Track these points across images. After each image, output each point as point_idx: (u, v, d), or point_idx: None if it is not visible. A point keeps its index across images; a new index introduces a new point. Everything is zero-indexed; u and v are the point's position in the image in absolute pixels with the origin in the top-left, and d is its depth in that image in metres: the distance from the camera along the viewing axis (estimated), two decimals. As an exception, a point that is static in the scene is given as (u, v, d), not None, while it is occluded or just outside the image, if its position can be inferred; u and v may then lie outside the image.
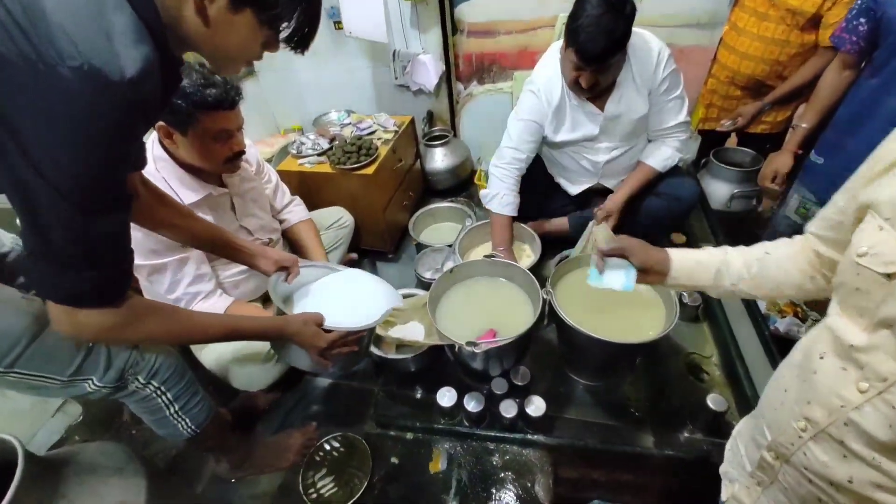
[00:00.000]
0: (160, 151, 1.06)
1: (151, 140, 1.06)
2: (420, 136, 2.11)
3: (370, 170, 1.59)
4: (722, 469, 0.76)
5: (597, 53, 1.13)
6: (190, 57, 0.72)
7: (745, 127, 1.72)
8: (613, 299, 1.21)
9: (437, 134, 2.15)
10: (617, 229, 1.47)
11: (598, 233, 1.41)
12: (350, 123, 1.88)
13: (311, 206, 1.52)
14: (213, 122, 1.00)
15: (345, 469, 1.19)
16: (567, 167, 1.58)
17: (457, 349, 1.10)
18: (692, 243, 1.67)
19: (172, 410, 0.95)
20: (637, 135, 1.46)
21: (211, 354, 1.17)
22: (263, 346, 1.18)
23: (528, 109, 1.39)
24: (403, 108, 2.20)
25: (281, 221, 1.40)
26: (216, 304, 1.10)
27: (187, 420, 0.98)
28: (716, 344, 1.40)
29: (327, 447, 1.23)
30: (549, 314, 1.13)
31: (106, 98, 0.50)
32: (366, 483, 1.14)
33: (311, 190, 1.67)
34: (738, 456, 0.70)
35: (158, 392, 0.92)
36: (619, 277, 0.89)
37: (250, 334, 0.90)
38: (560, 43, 1.31)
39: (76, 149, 0.51)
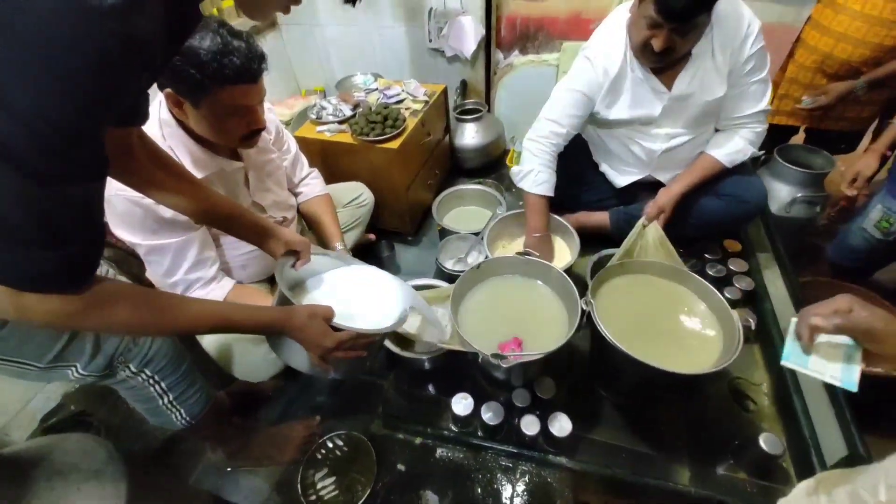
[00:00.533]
0: (167, 115, 0.92)
1: (159, 101, 0.92)
2: (451, 108, 1.92)
3: (395, 143, 1.44)
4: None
5: (681, 7, 0.94)
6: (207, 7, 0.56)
7: (829, 110, 1.49)
8: (660, 314, 1.07)
9: (469, 107, 1.96)
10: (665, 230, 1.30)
11: (649, 233, 1.24)
12: (376, 89, 1.71)
13: (328, 178, 1.38)
14: (230, 97, 0.84)
15: (347, 471, 1.10)
16: (615, 153, 1.39)
17: (480, 359, 0.97)
18: (747, 252, 1.49)
19: (166, 401, 0.86)
20: (705, 122, 1.26)
21: (211, 339, 1.07)
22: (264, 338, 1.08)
23: (580, 79, 1.21)
24: (436, 75, 2.01)
25: (296, 195, 1.27)
26: (214, 293, 0.99)
27: (182, 411, 0.89)
28: (768, 371, 1.24)
29: (330, 445, 1.14)
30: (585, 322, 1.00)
31: (84, 26, 0.37)
32: (368, 490, 1.05)
33: (328, 161, 1.53)
34: (812, 499, 0.61)
35: (151, 381, 0.83)
36: (836, 368, 0.63)
37: (246, 327, 0.74)
38: (626, 5, 1.11)
39: (42, 88, 0.38)
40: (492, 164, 2.03)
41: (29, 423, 1.23)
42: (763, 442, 1.00)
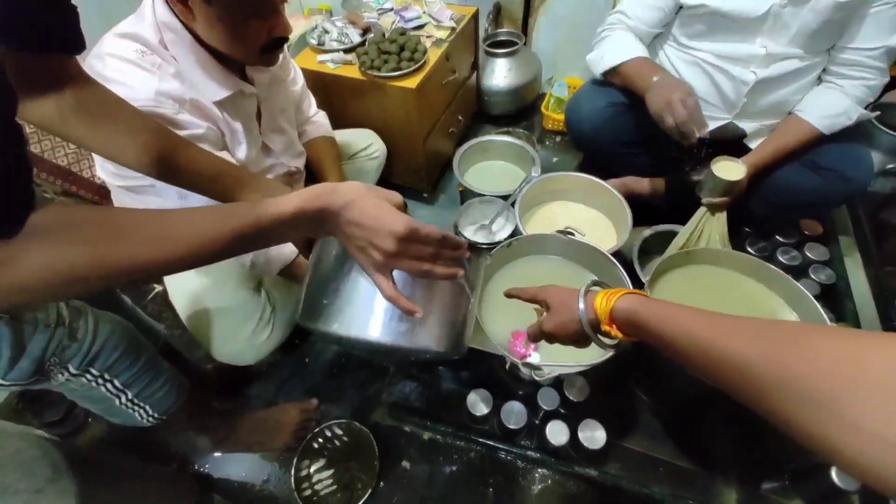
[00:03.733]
0: (168, 16, 0.69)
1: None
2: (480, 39, 1.60)
3: (413, 81, 1.17)
4: None
5: None
6: None
7: None
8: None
9: (502, 38, 1.64)
10: (732, 209, 1.06)
11: (715, 221, 1.01)
12: (392, 9, 1.40)
13: (331, 122, 1.14)
14: None
15: (346, 466, 0.99)
16: (694, 86, 1.08)
17: (507, 365, 0.80)
18: (829, 236, 1.25)
19: (124, 399, 0.72)
20: (821, 43, 0.96)
21: (188, 315, 0.91)
22: (253, 314, 0.91)
23: None
24: (464, -6, 1.66)
25: (300, 134, 1.05)
26: None
27: (146, 408, 0.75)
28: (839, 381, 1.06)
29: (328, 433, 1.02)
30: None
31: None
32: (369, 491, 0.93)
33: (331, 100, 1.27)
34: None
35: (100, 381, 0.67)
36: None
37: (263, 230, 0.44)
38: None
39: None
40: (524, 111, 1.74)
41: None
42: (836, 475, 0.84)
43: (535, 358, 0.86)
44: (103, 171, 0.84)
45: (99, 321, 0.66)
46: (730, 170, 1.01)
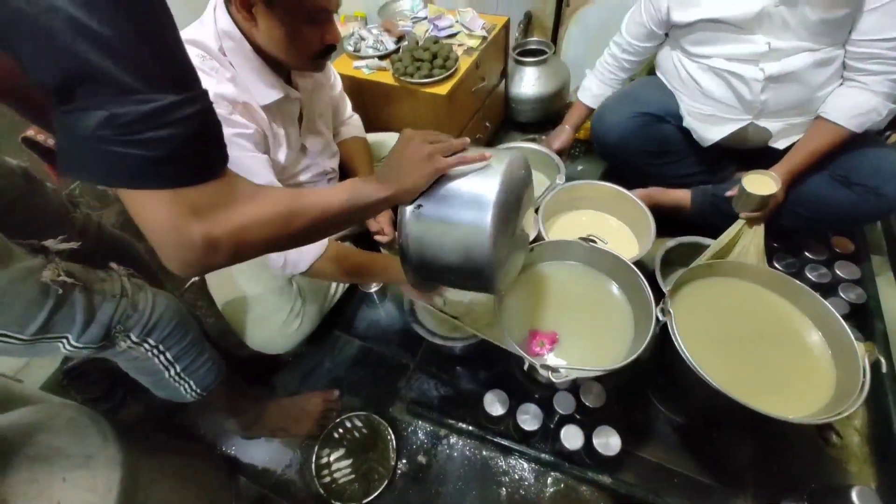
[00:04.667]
0: (229, 24, 0.75)
1: (213, 6, 0.76)
2: (510, 47, 1.63)
3: (444, 88, 1.21)
4: None
5: None
6: None
7: None
8: (754, 335, 0.87)
9: (532, 47, 1.66)
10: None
11: (752, 235, 1.00)
12: (426, 18, 1.44)
13: (364, 125, 1.19)
14: None
15: (364, 457, 1.02)
16: (707, 92, 1.09)
17: (525, 366, 0.82)
18: (860, 254, 1.22)
19: (173, 372, 0.78)
20: (832, 32, 0.92)
21: (225, 304, 0.97)
22: (285, 305, 0.96)
23: None
24: (496, 4, 1.70)
25: (334, 135, 1.11)
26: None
27: (191, 382, 0.81)
28: (866, 404, 1.04)
29: (348, 424, 1.06)
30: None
31: None
32: (386, 482, 0.96)
33: (365, 104, 1.32)
34: None
35: (155, 352, 0.73)
36: None
37: (368, 198, 0.58)
38: None
39: None
40: (550, 119, 1.75)
41: (49, 363, 1.21)
42: (857, 496, 0.82)
43: (551, 360, 0.88)
44: None
45: (156, 296, 0.72)
46: (761, 184, 1.00)
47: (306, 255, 0.83)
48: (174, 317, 0.75)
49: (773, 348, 0.84)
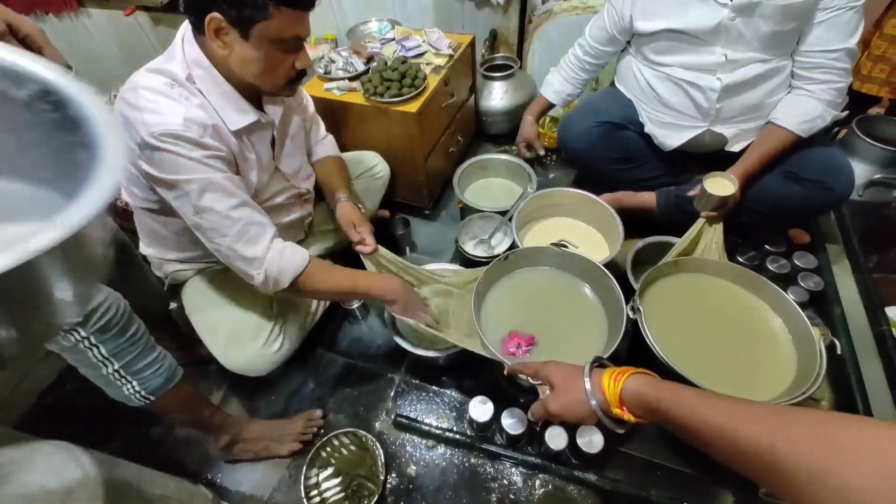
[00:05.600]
0: (197, 54, 0.77)
1: (181, 37, 0.79)
2: (478, 64, 1.69)
3: (414, 106, 1.24)
4: None
5: None
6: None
7: None
8: (721, 327, 0.92)
9: (499, 62, 1.72)
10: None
11: (712, 232, 1.05)
12: (394, 39, 1.48)
13: (338, 145, 1.21)
14: (287, 23, 0.74)
15: (354, 474, 1.02)
16: (664, 100, 1.16)
17: (505, 370, 0.84)
18: (816, 244, 1.29)
19: (111, 369, 0.75)
20: (780, 46, 1.01)
21: (201, 327, 0.97)
22: (265, 326, 0.97)
23: None
24: (462, 23, 1.76)
25: (309, 156, 1.13)
26: (298, 252, 0.89)
27: (134, 384, 0.78)
28: (831, 385, 1.09)
29: (336, 442, 1.06)
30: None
31: None
32: (376, 497, 0.96)
33: (337, 124, 1.35)
34: None
35: (87, 344, 0.71)
36: None
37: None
38: None
39: None
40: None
41: (25, 401, 1.18)
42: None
43: (529, 357, 0.90)
44: (128, 193, 0.91)
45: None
46: (721, 185, 1.06)
47: (287, 271, 0.85)
48: (109, 311, 0.72)
49: (738, 337, 0.89)
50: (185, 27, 0.79)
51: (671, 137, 1.21)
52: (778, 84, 1.06)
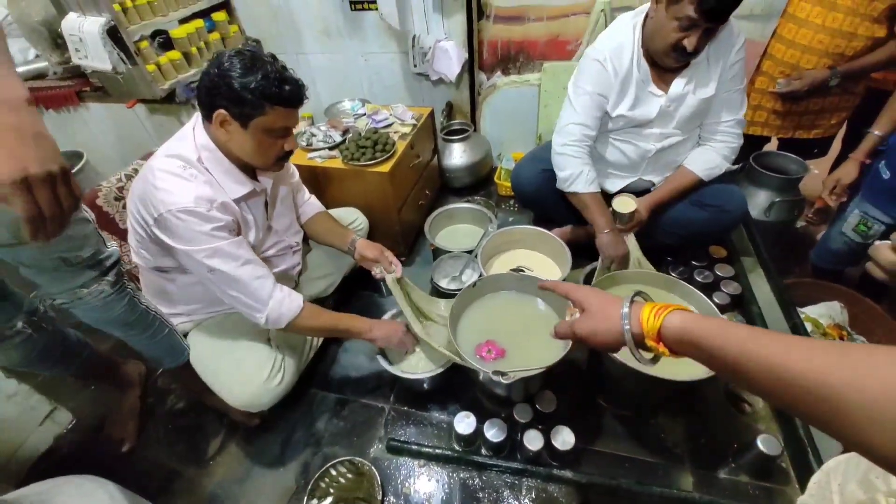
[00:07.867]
0: (205, 140, 0.96)
1: (192, 126, 0.97)
2: (438, 129, 1.97)
3: (386, 167, 1.46)
4: (802, 500, 0.73)
5: (723, 7, 1.01)
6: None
7: (803, 94, 1.51)
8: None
9: (456, 128, 2.01)
10: (646, 239, 1.34)
11: (631, 247, 1.28)
12: (365, 114, 1.74)
13: (322, 204, 1.39)
14: (278, 118, 0.92)
15: (353, 498, 1.09)
16: (607, 157, 1.42)
17: (480, 377, 0.98)
18: (732, 257, 1.53)
19: (153, 313, 1.07)
20: (695, 123, 1.32)
21: (207, 370, 1.08)
22: (266, 362, 1.08)
23: (595, 81, 1.26)
24: (422, 98, 2.06)
25: (298, 216, 1.30)
26: (294, 299, 1.04)
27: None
28: (761, 372, 1.27)
29: (333, 472, 1.13)
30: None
31: None
32: (375, 517, 1.04)
33: (321, 186, 1.55)
34: (826, 492, 0.67)
35: (124, 285, 1.00)
36: None
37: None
38: (630, 15, 1.22)
39: None
40: (480, 182, 2.07)
41: (17, 472, 1.20)
42: (761, 443, 1.02)
43: (499, 365, 1.04)
44: (137, 255, 1.05)
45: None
46: (625, 204, 1.31)
47: (285, 316, 1.00)
48: (113, 257, 0.97)
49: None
50: (196, 117, 0.98)
51: (610, 184, 1.48)
52: (688, 147, 1.38)
